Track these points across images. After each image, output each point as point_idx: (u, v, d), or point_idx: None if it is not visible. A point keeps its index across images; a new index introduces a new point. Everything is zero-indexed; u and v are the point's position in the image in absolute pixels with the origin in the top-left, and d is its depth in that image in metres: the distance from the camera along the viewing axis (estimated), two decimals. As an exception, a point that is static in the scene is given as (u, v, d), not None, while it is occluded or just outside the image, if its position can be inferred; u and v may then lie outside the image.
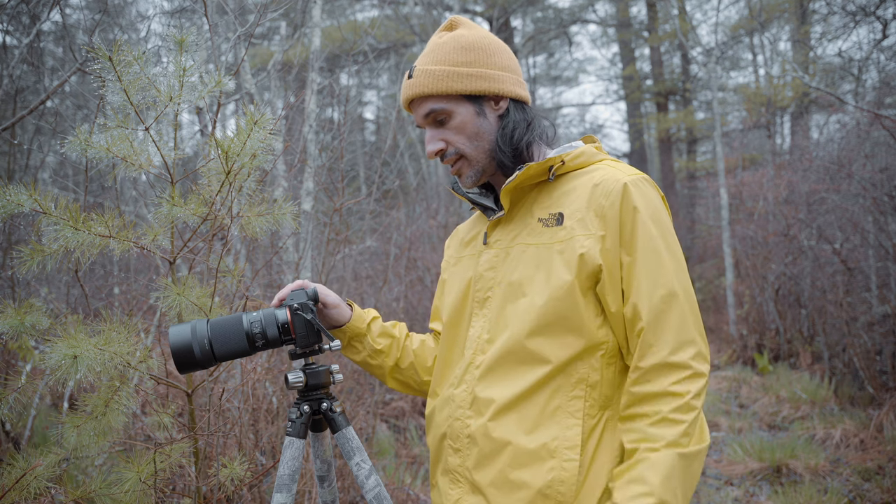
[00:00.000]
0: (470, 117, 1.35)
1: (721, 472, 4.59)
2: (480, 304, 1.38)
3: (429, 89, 1.33)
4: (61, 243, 1.59)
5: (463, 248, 1.51)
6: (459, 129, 1.35)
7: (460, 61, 1.34)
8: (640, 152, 18.13)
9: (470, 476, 1.31)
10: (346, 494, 3.36)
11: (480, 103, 1.36)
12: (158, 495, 1.87)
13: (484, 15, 16.40)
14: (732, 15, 15.65)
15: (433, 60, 1.35)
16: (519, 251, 1.34)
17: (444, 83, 1.33)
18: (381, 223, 6.73)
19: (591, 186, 1.29)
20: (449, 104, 1.34)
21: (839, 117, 8.40)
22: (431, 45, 1.38)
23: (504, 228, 1.40)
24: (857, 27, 7.66)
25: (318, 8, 4.33)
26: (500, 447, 1.27)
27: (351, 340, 1.55)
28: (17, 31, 6.01)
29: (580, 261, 1.25)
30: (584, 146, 1.39)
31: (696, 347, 1.22)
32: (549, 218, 1.32)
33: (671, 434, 1.16)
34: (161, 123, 1.76)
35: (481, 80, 1.34)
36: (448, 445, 1.36)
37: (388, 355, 1.57)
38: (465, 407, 1.33)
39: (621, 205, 1.25)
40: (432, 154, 1.37)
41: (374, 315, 1.58)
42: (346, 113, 4.51)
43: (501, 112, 1.38)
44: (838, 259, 6.24)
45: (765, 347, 7.84)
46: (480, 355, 1.34)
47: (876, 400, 5.35)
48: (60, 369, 1.48)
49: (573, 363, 1.26)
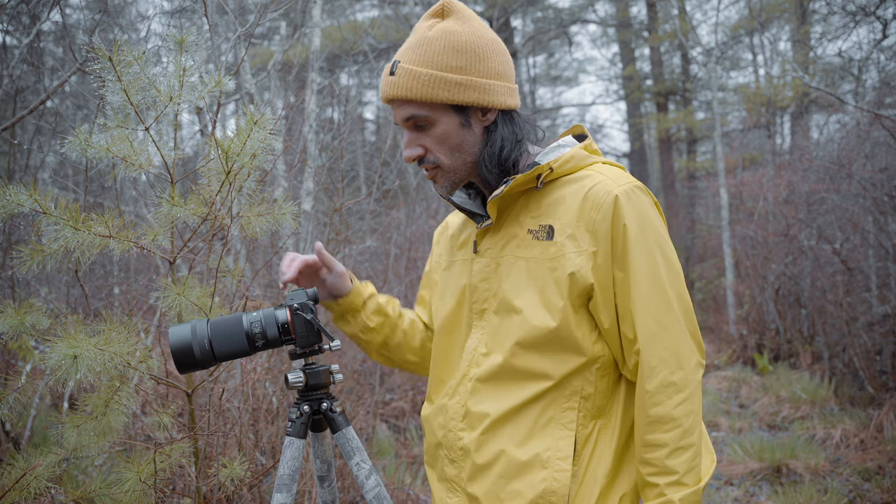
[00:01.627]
0: (453, 128, 1.25)
1: (721, 472, 4.58)
2: (479, 315, 1.36)
3: (411, 94, 1.21)
4: (61, 243, 1.59)
5: (454, 250, 1.47)
6: (441, 140, 1.26)
7: (449, 66, 1.21)
8: (640, 152, 18.12)
9: (465, 488, 1.31)
10: (346, 494, 3.36)
11: (467, 114, 1.25)
12: (158, 495, 1.87)
13: (484, 15, 16.39)
14: (732, 15, 15.65)
15: (419, 59, 1.22)
16: (509, 263, 1.30)
17: (429, 90, 1.21)
18: (381, 223, 6.73)
19: (581, 198, 1.24)
20: (432, 112, 1.23)
21: (839, 117, 8.39)
22: (419, 38, 1.25)
23: (493, 237, 1.35)
24: (857, 27, 7.66)
25: (318, 8, 4.33)
26: (492, 460, 1.27)
27: (344, 314, 1.55)
28: (17, 31, 6.00)
29: (571, 280, 1.22)
30: (573, 149, 1.31)
31: (695, 357, 1.22)
32: (540, 230, 1.27)
33: (684, 463, 1.19)
34: (161, 123, 1.76)
35: (470, 91, 1.22)
36: (444, 455, 1.36)
37: (379, 333, 1.56)
38: (457, 419, 1.33)
39: (613, 219, 1.21)
40: (409, 159, 1.27)
41: (371, 291, 1.56)
42: (346, 113, 4.51)
43: (488, 124, 1.28)
44: (838, 259, 6.24)
45: (765, 347, 7.84)
46: (475, 368, 1.33)
47: (876, 400, 5.35)
48: (60, 369, 1.48)
49: (568, 378, 1.26)
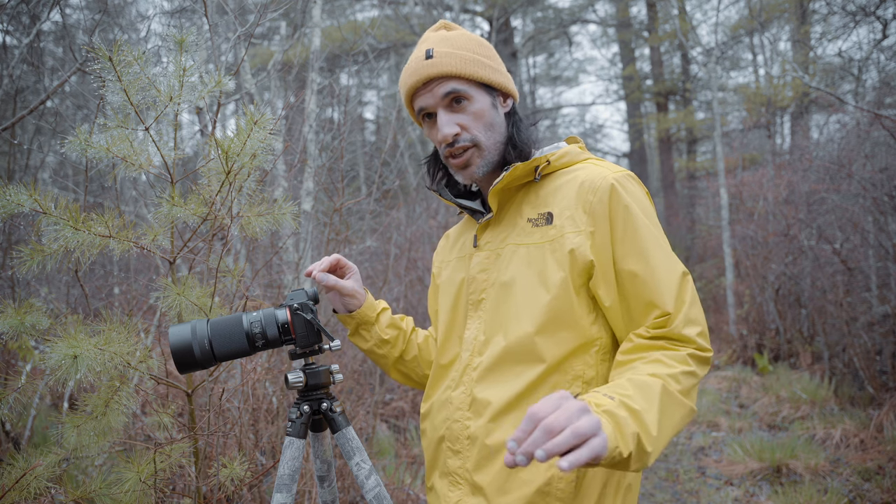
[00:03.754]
0: (487, 106, 1.34)
1: (721, 472, 4.59)
2: (475, 305, 1.38)
3: (455, 69, 1.31)
4: (61, 243, 1.59)
5: (453, 252, 1.51)
6: (478, 116, 1.33)
7: (480, 52, 1.34)
8: (640, 152, 18.13)
9: (470, 477, 1.31)
10: (346, 494, 3.36)
11: (494, 96, 1.36)
12: (158, 495, 1.87)
13: (484, 15, 16.40)
14: (732, 15, 15.66)
15: (454, 46, 1.33)
16: (510, 251, 1.34)
17: (471, 67, 1.32)
18: (381, 223, 6.73)
19: (577, 184, 1.29)
20: (470, 88, 1.33)
21: (839, 117, 8.40)
22: (440, 37, 1.36)
23: (493, 230, 1.40)
24: (857, 27, 7.66)
25: (318, 8, 4.33)
26: (499, 447, 1.27)
27: (359, 327, 1.57)
28: (17, 31, 6.00)
29: (571, 257, 1.25)
30: (568, 147, 1.40)
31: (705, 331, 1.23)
32: (539, 218, 1.32)
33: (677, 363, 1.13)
34: (161, 123, 1.76)
35: (499, 75, 1.35)
36: (447, 448, 1.36)
37: (395, 346, 1.58)
38: (463, 409, 1.33)
39: (610, 201, 1.25)
40: (449, 137, 1.32)
41: (384, 306, 1.60)
42: (346, 113, 4.51)
43: (508, 110, 1.39)
44: (838, 259, 6.24)
45: (765, 347, 7.84)
46: (478, 357, 1.34)
47: (876, 400, 5.35)
48: (60, 369, 1.48)
49: (568, 360, 1.27)
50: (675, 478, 4.63)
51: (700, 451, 5.17)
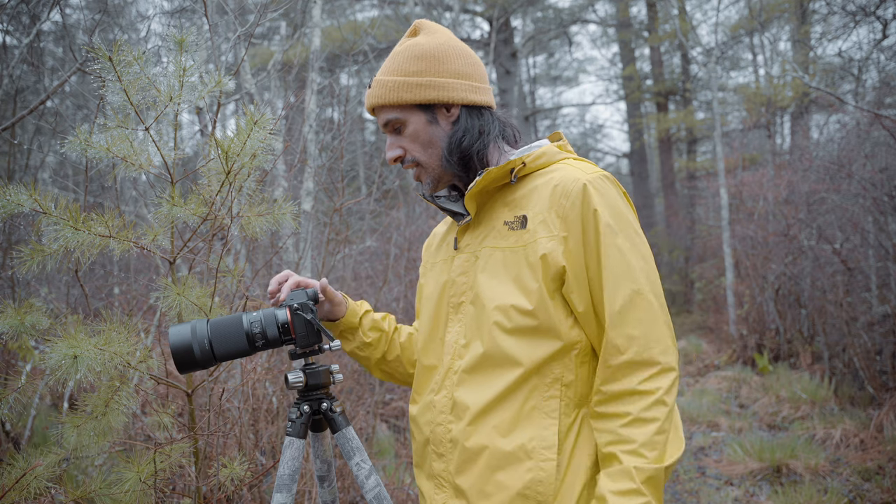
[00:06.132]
0: (422, 126, 1.36)
1: (721, 472, 4.59)
2: (455, 308, 1.39)
3: (382, 100, 1.36)
4: (61, 243, 1.59)
5: (437, 252, 1.53)
6: (413, 138, 1.37)
7: (411, 71, 1.35)
8: (640, 152, 18.12)
9: (452, 480, 1.32)
10: (346, 494, 3.36)
11: (433, 111, 1.37)
12: (158, 495, 1.87)
13: (484, 15, 16.40)
14: (732, 15, 15.65)
15: (389, 70, 1.38)
16: (487, 254, 1.35)
17: (395, 94, 1.35)
18: (381, 223, 6.73)
19: (551, 187, 1.30)
20: (402, 114, 1.36)
21: (839, 117, 8.40)
22: (392, 53, 1.40)
23: (472, 233, 1.41)
24: (857, 27, 7.66)
25: (318, 8, 4.33)
26: (478, 451, 1.28)
27: (343, 332, 1.60)
28: (17, 31, 6.00)
29: (543, 262, 1.26)
30: (546, 146, 1.39)
31: (664, 343, 1.22)
32: (515, 221, 1.33)
33: (644, 434, 1.16)
34: (161, 123, 1.76)
35: (430, 90, 1.35)
36: (431, 451, 1.37)
37: (377, 348, 1.61)
38: (445, 412, 1.34)
39: (582, 206, 1.25)
40: (391, 160, 1.39)
41: (366, 308, 1.62)
42: (346, 113, 4.51)
43: (454, 119, 1.38)
44: (838, 259, 6.24)
45: (765, 347, 7.84)
46: (458, 360, 1.35)
47: (876, 400, 5.35)
48: (60, 369, 1.48)
49: (547, 364, 1.27)
50: (675, 478, 4.63)
51: (700, 451, 5.17)
